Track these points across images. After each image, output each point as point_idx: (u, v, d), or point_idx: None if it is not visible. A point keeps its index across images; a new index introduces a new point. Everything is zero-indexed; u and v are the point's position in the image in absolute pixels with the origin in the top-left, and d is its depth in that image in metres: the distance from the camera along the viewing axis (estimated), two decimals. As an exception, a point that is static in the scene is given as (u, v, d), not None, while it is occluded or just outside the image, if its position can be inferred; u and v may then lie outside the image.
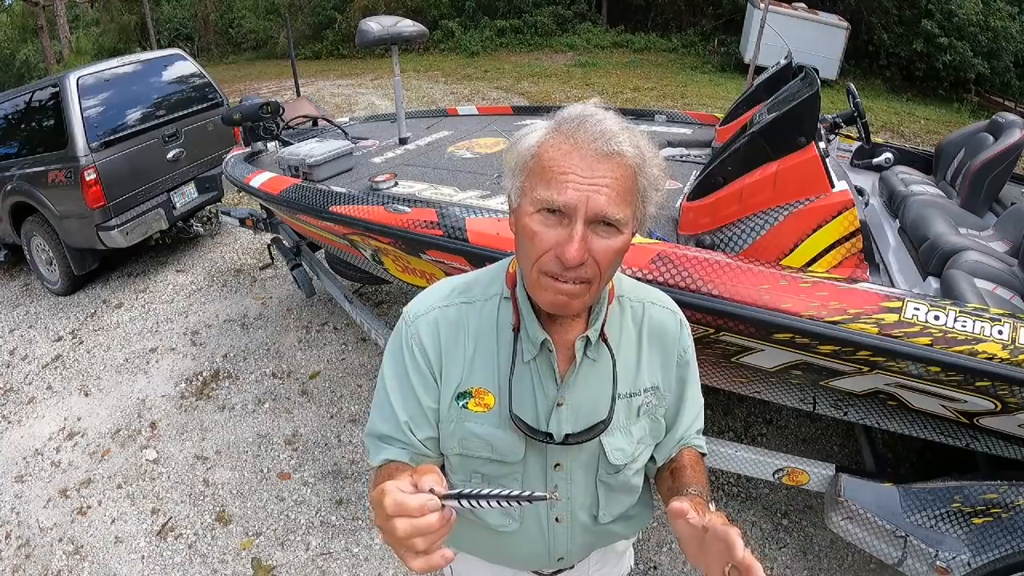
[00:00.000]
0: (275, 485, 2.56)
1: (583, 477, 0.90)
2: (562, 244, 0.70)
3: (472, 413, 0.84)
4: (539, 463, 0.88)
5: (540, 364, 0.83)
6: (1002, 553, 1.53)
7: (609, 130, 0.71)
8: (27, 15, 18.62)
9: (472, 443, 0.85)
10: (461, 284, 0.89)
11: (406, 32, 2.81)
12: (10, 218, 4.43)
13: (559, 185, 0.70)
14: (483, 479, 0.88)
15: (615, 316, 0.88)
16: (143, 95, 4.33)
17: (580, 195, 0.69)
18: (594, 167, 0.70)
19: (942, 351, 1.37)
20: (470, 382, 0.84)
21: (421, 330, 0.85)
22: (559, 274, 0.72)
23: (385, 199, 2.10)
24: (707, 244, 1.83)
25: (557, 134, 0.73)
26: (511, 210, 0.80)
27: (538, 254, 0.73)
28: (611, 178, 0.70)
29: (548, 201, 0.70)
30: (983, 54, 11.07)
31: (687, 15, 14.60)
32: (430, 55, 14.49)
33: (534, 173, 0.73)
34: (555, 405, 0.84)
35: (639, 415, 0.89)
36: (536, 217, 0.72)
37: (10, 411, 3.25)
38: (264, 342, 3.55)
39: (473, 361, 0.85)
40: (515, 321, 0.83)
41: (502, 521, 0.91)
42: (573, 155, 0.70)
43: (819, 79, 1.90)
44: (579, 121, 0.72)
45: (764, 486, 2.37)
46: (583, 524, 0.93)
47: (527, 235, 0.73)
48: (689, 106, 8.38)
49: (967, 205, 2.47)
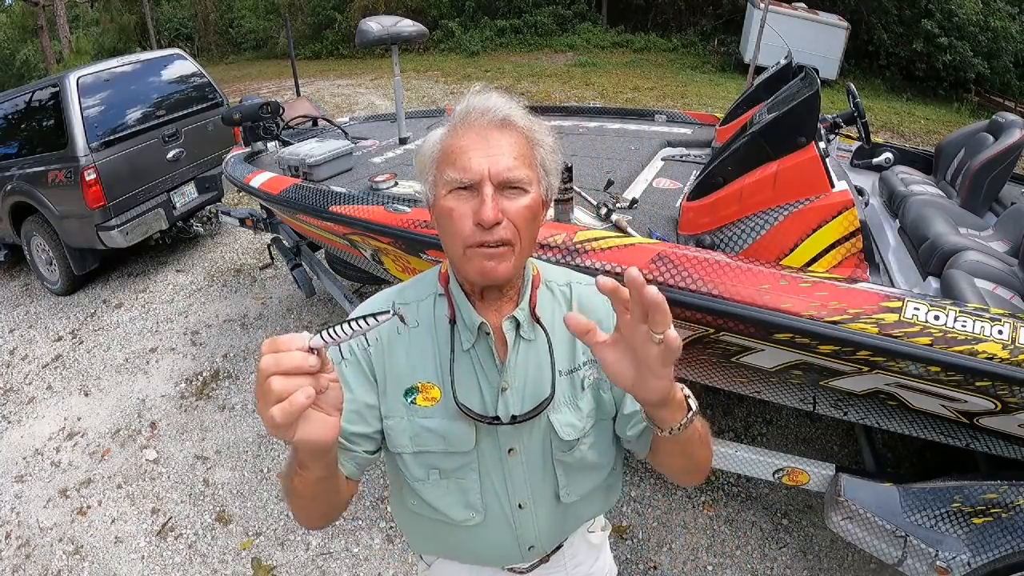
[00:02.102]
0: (275, 485, 2.56)
1: (539, 459, 0.91)
2: (477, 211, 0.76)
3: (420, 408, 0.86)
4: (493, 450, 0.89)
5: (480, 351, 0.86)
6: (1002, 553, 1.53)
7: (495, 104, 0.79)
8: (27, 15, 18.63)
9: (424, 438, 0.87)
10: (397, 290, 0.94)
11: (406, 32, 2.81)
12: (10, 218, 4.43)
13: (463, 162, 0.76)
14: (440, 474, 0.89)
15: (546, 299, 0.91)
16: (143, 95, 4.33)
17: (482, 164, 0.76)
18: (489, 138, 0.77)
19: (942, 351, 1.37)
20: (415, 378, 0.87)
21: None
22: (482, 240, 0.77)
23: (385, 199, 2.11)
24: (707, 244, 1.83)
25: (453, 125, 0.81)
26: (430, 208, 0.85)
27: (459, 228, 0.78)
28: (507, 143, 0.77)
29: (456, 180, 0.77)
30: (983, 54, 11.07)
31: (687, 15, 14.60)
32: (430, 55, 14.50)
33: (441, 163, 0.80)
34: (500, 390, 0.86)
35: (584, 388, 0.90)
36: (449, 197, 0.78)
37: (10, 411, 3.25)
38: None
39: (414, 358, 0.87)
40: (450, 313, 0.87)
41: (466, 515, 0.91)
42: (469, 134, 0.78)
43: (819, 79, 1.90)
44: (468, 107, 0.80)
45: (764, 486, 2.37)
46: (547, 507, 0.94)
47: (445, 215, 0.79)
48: (689, 106, 8.38)
49: (967, 205, 2.47)
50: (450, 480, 0.89)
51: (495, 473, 0.90)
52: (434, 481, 0.89)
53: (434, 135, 0.83)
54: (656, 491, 2.37)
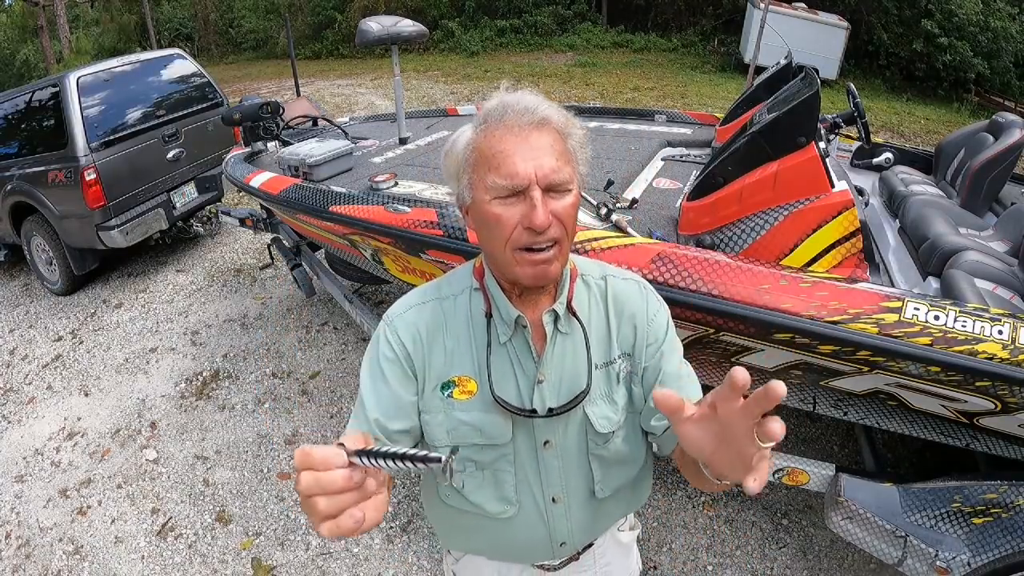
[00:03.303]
0: (275, 485, 2.56)
1: (575, 452, 0.91)
2: (527, 215, 0.75)
3: (457, 402, 0.87)
4: (528, 443, 0.89)
5: (516, 344, 0.87)
6: (1002, 553, 1.53)
7: (531, 103, 0.78)
8: (27, 15, 18.63)
9: (461, 431, 0.87)
10: (432, 285, 0.94)
11: (406, 32, 2.81)
12: (10, 218, 4.43)
13: (508, 166, 0.75)
14: (476, 466, 0.89)
15: (582, 292, 0.92)
16: (143, 95, 4.33)
17: (528, 168, 0.75)
18: (530, 139, 0.76)
19: (942, 351, 1.37)
20: (451, 372, 0.87)
21: (399, 328, 0.89)
22: (532, 243, 0.77)
23: (385, 199, 2.10)
24: (707, 244, 1.83)
25: (487, 126, 0.79)
26: (464, 209, 0.85)
27: (507, 234, 0.77)
28: (547, 144, 0.77)
29: (503, 186, 0.76)
30: (983, 54, 11.07)
31: (687, 15, 14.60)
32: (430, 55, 14.50)
33: (479, 166, 0.78)
34: (536, 383, 0.86)
35: (619, 382, 0.91)
36: (495, 203, 0.77)
37: (10, 411, 3.25)
38: (264, 342, 3.55)
39: (453, 352, 0.88)
40: (486, 307, 0.87)
41: (500, 508, 0.92)
42: (508, 137, 0.76)
43: (819, 79, 1.89)
44: (502, 107, 0.79)
45: (764, 486, 2.37)
46: (580, 502, 0.94)
47: (492, 221, 0.78)
48: (689, 106, 8.38)
49: (967, 205, 2.47)
50: (485, 472, 0.90)
51: (530, 466, 0.91)
52: (470, 472, 0.90)
53: (463, 135, 0.82)
54: (656, 491, 2.37)
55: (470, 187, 0.80)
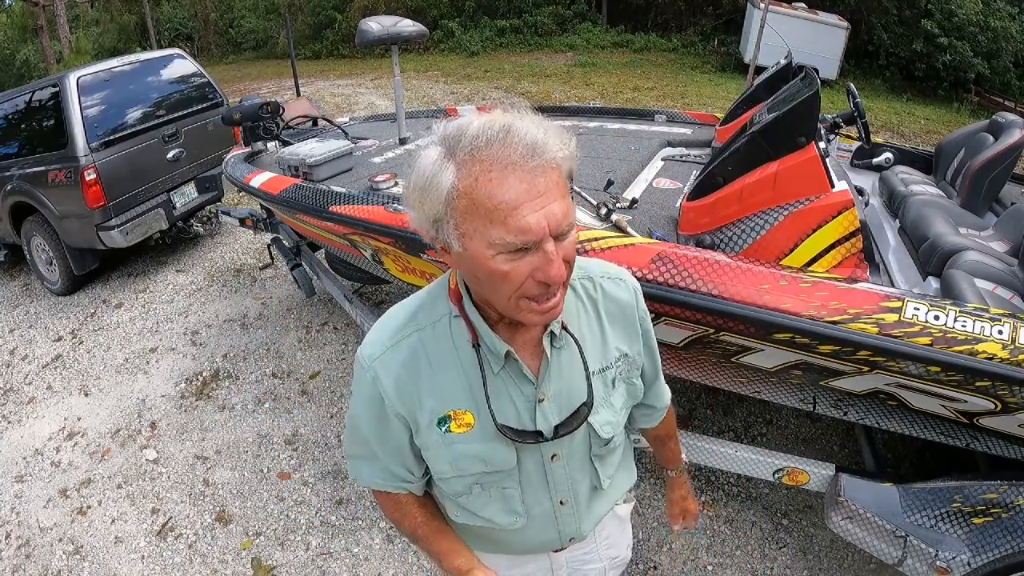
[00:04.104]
0: (275, 485, 2.56)
1: (580, 458, 0.93)
2: (542, 268, 0.69)
3: (456, 435, 0.84)
4: (535, 460, 0.89)
5: (510, 370, 0.84)
6: (1002, 553, 1.53)
7: (538, 140, 0.66)
8: (27, 15, 18.61)
9: (465, 463, 0.86)
10: (405, 314, 0.87)
11: (406, 32, 2.81)
12: (10, 218, 4.43)
13: (517, 221, 0.65)
14: (482, 487, 0.89)
15: (570, 301, 0.88)
16: (143, 95, 4.33)
17: (540, 220, 0.66)
18: (537, 183, 0.66)
19: (942, 351, 1.37)
20: (445, 406, 0.84)
21: (379, 374, 0.84)
22: (542, 294, 0.72)
23: (385, 199, 2.10)
24: (707, 244, 1.83)
25: (478, 163, 0.66)
26: (439, 248, 0.74)
27: (516, 288, 0.71)
28: (553, 184, 0.67)
29: (511, 244, 0.67)
30: (983, 54, 11.07)
31: (687, 15, 14.60)
32: (430, 55, 14.50)
33: (473, 216, 0.67)
34: (537, 402, 0.85)
35: (615, 385, 0.92)
36: (500, 259, 0.68)
37: (10, 411, 3.25)
38: (264, 342, 3.55)
39: (441, 385, 0.84)
40: (472, 337, 0.82)
41: (510, 520, 0.92)
42: (510, 181, 0.65)
43: (819, 79, 1.89)
44: (500, 140, 0.66)
45: (764, 486, 2.37)
46: (586, 498, 0.97)
47: (497, 277, 0.70)
48: (689, 106, 8.38)
49: (967, 205, 2.47)
50: (492, 491, 0.90)
51: (537, 480, 0.91)
52: (476, 493, 0.90)
53: (444, 172, 0.68)
54: (656, 491, 2.37)
55: (459, 237, 0.69)
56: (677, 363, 1.96)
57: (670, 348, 1.82)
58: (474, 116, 0.71)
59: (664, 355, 1.97)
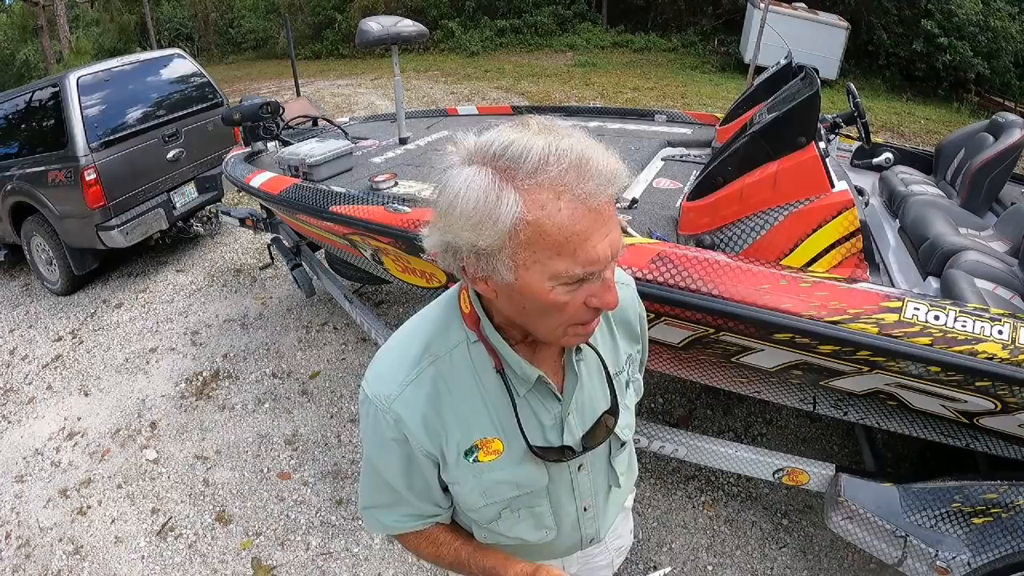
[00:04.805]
0: (275, 485, 2.56)
1: (601, 463, 0.94)
2: (598, 295, 0.67)
3: (485, 464, 0.82)
4: (564, 474, 0.89)
5: (537, 392, 0.82)
6: (1002, 553, 1.53)
7: (615, 170, 0.63)
8: (27, 15, 18.62)
9: (497, 489, 0.84)
10: (418, 345, 0.81)
11: (406, 32, 2.81)
12: (10, 218, 4.43)
13: (587, 253, 0.62)
14: (511, 511, 0.88)
15: None
16: (143, 95, 4.33)
17: (606, 250, 0.64)
18: (604, 212, 0.63)
19: (942, 351, 1.37)
20: (471, 437, 0.81)
21: (402, 413, 0.78)
22: (592, 319, 0.71)
23: (385, 199, 2.10)
24: (707, 244, 1.83)
25: (546, 191, 0.61)
26: (472, 277, 0.69)
27: (569, 317, 0.69)
28: (613, 209, 0.65)
29: (576, 275, 0.64)
30: (983, 54, 11.08)
31: (687, 15, 14.61)
32: (430, 55, 14.50)
33: (535, 246, 0.62)
34: (563, 419, 0.84)
35: (627, 387, 0.93)
36: (560, 290, 0.65)
37: (10, 411, 3.25)
38: (264, 342, 3.55)
39: (464, 415, 0.80)
40: (495, 363, 0.78)
41: (540, 535, 0.93)
42: (582, 213, 0.61)
43: (819, 79, 1.89)
44: (576, 168, 0.61)
45: (764, 486, 2.37)
46: (604, 499, 0.98)
47: (554, 308, 0.67)
48: (689, 106, 8.38)
49: (967, 205, 2.47)
50: (521, 512, 0.89)
51: (564, 493, 0.91)
52: (505, 517, 0.88)
53: (497, 198, 0.61)
54: (656, 491, 2.37)
55: (513, 268, 0.64)
56: (677, 363, 1.96)
57: (670, 348, 1.82)
58: (520, 134, 0.64)
59: (664, 355, 1.97)
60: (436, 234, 0.68)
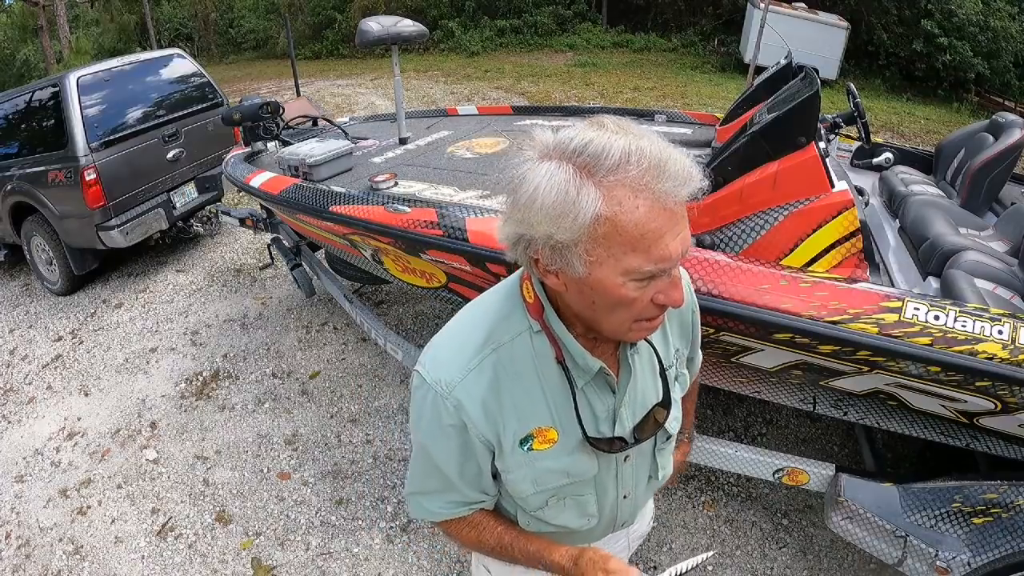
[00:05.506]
0: (275, 485, 2.56)
1: (646, 455, 0.95)
2: (665, 291, 0.69)
3: (539, 453, 0.83)
4: (611, 464, 0.90)
5: (595, 383, 0.83)
6: (1002, 553, 1.53)
7: (691, 172, 0.64)
8: (27, 15, 18.63)
9: (548, 477, 0.85)
10: (481, 333, 0.81)
11: (406, 32, 2.81)
12: (10, 218, 4.43)
13: (660, 250, 0.65)
14: (558, 499, 0.89)
15: None
16: (143, 95, 4.33)
17: (678, 247, 0.66)
18: (677, 211, 0.65)
19: (942, 351, 1.37)
20: (528, 425, 0.82)
21: (464, 403, 0.79)
22: (657, 315, 0.72)
23: (385, 199, 2.10)
24: (707, 244, 1.83)
25: (625, 188, 0.62)
26: (542, 270, 0.72)
27: (637, 313, 0.71)
28: (685, 208, 0.66)
29: (648, 271, 0.66)
30: (983, 54, 11.08)
31: (687, 15, 14.61)
32: (430, 55, 14.50)
33: (611, 242, 0.64)
34: (616, 411, 0.85)
35: (676, 380, 0.93)
36: (631, 285, 0.67)
37: (10, 411, 3.25)
38: (264, 342, 3.55)
39: (522, 404, 0.81)
40: (556, 353, 0.79)
41: (583, 522, 0.93)
42: (658, 211, 0.63)
43: (819, 79, 1.89)
44: (656, 168, 0.62)
45: (764, 486, 2.37)
46: (643, 488, 0.99)
47: (623, 303, 0.69)
48: (689, 106, 8.38)
49: (967, 205, 2.47)
50: (567, 500, 0.90)
51: (609, 482, 0.91)
52: (551, 505, 0.89)
53: (577, 193, 0.63)
54: (656, 491, 2.37)
55: (587, 263, 0.66)
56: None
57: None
58: (598, 132, 0.65)
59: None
60: (510, 226, 0.69)
